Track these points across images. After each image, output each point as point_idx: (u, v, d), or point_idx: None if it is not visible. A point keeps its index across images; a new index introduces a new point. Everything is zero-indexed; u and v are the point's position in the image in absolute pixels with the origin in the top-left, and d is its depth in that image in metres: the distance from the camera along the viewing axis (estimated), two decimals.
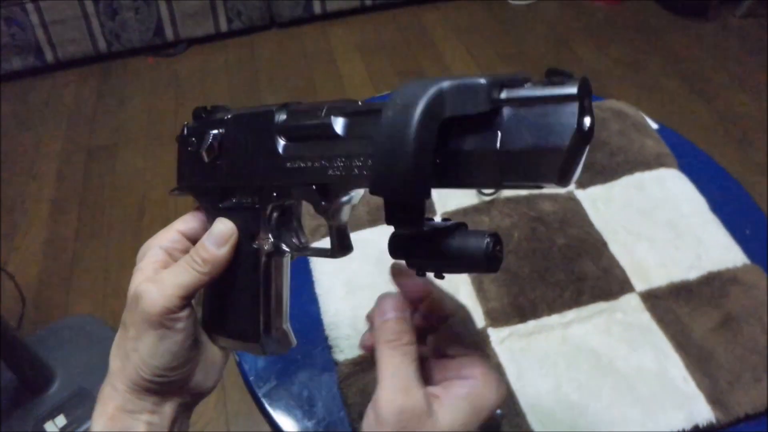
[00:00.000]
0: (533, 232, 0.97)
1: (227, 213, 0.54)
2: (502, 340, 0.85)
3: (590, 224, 0.99)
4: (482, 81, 0.38)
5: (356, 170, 0.45)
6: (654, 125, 1.17)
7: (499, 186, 0.40)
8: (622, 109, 1.18)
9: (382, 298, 0.50)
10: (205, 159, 0.54)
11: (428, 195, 0.39)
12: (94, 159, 2.47)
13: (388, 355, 0.47)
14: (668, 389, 0.80)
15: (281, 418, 0.80)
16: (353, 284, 0.92)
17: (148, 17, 2.86)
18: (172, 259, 0.55)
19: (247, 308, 0.54)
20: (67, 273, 2.08)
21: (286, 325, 0.57)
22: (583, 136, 0.37)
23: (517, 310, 0.88)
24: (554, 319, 0.87)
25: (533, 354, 0.84)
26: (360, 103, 0.48)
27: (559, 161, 0.36)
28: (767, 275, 0.91)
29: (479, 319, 0.88)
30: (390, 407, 0.45)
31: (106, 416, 0.52)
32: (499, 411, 0.74)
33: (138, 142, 2.51)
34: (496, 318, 0.88)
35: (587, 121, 0.37)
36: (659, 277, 0.92)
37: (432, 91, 0.38)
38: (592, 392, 0.79)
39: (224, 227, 0.53)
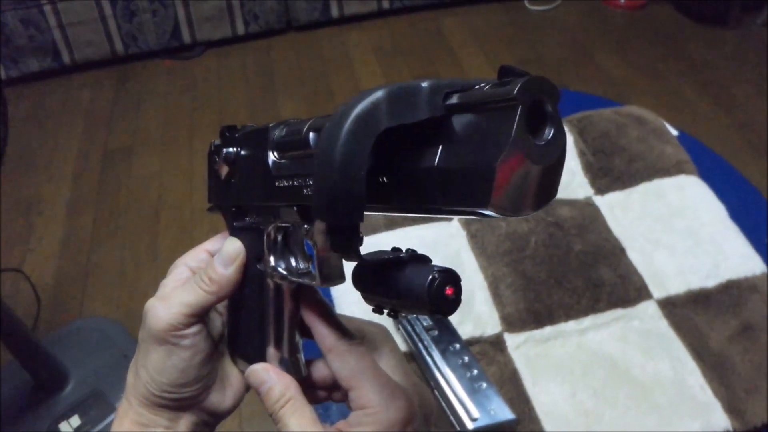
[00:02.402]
0: (550, 238, 0.96)
1: (240, 233, 0.53)
2: (518, 345, 0.85)
3: (608, 230, 0.98)
4: (423, 85, 0.33)
5: (306, 190, 0.41)
6: (674, 132, 1.16)
7: (442, 212, 0.34)
8: (642, 116, 1.17)
9: (251, 375, 0.51)
10: (221, 177, 0.53)
11: (359, 218, 0.34)
12: (110, 161, 2.48)
13: (282, 416, 0.48)
14: (685, 397, 0.79)
15: None
16: None
17: (166, 20, 2.87)
18: None
19: (254, 331, 0.53)
20: (83, 274, 2.08)
21: (299, 355, 0.52)
22: (538, 152, 0.29)
23: (533, 315, 0.88)
24: (571, 325, 0.87)
25: (549, 360, 0.83)
26: None
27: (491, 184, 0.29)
28: None
29: (495, 325, 0.87)
30: None
31: (122, 430, 0.52)
32: (513, 416, 0.74)
33: (154, 144, 2.51)
34: (512, 323, 0.87)
35: (548, 132, 0.30)
36: (677, 285, 0.91)
37: (365, 100, 0.33)
38: (607, 399, 0.79)
39: (232, 247, 0.52)
